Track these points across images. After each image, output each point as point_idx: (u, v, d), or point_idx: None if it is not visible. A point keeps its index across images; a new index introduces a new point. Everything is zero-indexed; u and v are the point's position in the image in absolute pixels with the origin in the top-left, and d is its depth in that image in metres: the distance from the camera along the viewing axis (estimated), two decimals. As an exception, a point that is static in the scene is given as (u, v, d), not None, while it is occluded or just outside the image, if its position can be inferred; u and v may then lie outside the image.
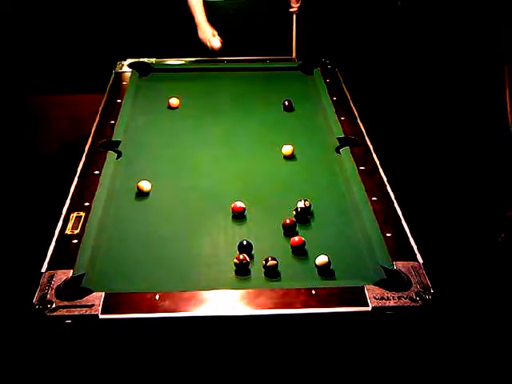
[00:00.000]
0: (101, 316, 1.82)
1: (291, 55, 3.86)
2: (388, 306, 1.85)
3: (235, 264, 2.05)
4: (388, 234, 2.16)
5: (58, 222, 2.23)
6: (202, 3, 3.71)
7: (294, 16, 3.84)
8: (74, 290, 1.90)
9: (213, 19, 3.75)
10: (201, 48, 3.77)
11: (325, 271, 2.05)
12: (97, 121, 2.93)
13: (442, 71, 4.79)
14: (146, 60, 3.52)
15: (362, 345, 1.93)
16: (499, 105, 3.76)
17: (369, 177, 2.50)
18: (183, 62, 3.58)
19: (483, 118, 4.24)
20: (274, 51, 3.74)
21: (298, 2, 3.80)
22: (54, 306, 1.83)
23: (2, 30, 4.87)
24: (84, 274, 1.98)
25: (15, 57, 4.96)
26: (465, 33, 4.71)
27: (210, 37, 3.67)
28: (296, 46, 3.89)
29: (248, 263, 2.05)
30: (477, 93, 4.41)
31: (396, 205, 2.33)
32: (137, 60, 3.52)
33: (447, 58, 4.83)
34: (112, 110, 3.02)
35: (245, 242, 2.13)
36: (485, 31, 4.40)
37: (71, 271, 1.98)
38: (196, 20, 3.71)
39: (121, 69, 3.48)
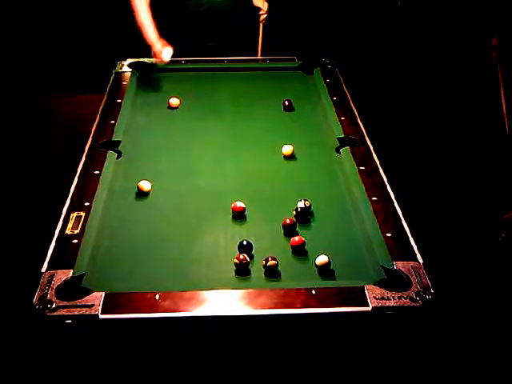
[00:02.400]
0: (101, 316, 1.82)
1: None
2: (388, 306, 1.85)
3: (235, 264, 2.05)
4: (388, 234, 2.16)
5: (57, 222, 2.23)
6: (151, 20, 3.44)
7: (261, 25, 3.86)
8: (74, 289, 1.90)
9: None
10: (201, 48, 3.78)
11: (325, 271, 2.05)
12: (97, 121, 2.93)
13: (442, 71, 4.79)
14: (146, 60, 3.52)
15: (362, 345, 1.93)
16: (498, 105, 3.77)
17: (369, 177, 2.50)
18: (183, 62, 3.58)
19: (483, 117, 4.24)
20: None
21: (265, 9, 3.82)
22: (53, 305, 1.83)
23: (2, 30, 4.88)
24: (84, 274, 1.98)
25: (15, 57, 4.96)
26: (464, 33, 4.72)
27: (159, 53, 3.36)
28: (261, 52, 3.90)
29: (248, 263, 2.06)
30: (476, 93, 4.42)
31: (396, 205, 2.33)
32: (137, 60, 3.52)
33: (447, 58, 4.83)
34: (112, 110, 3.02)
35: (245, 242, 2.13)
36: (483, 32, 4.40)
37: (71, 271, 1.98)
38: (148, 38, 3.40)
39: (121, 69, 3.48)
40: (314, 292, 1.91)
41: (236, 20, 3.83)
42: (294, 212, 2.30)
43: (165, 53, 3.35)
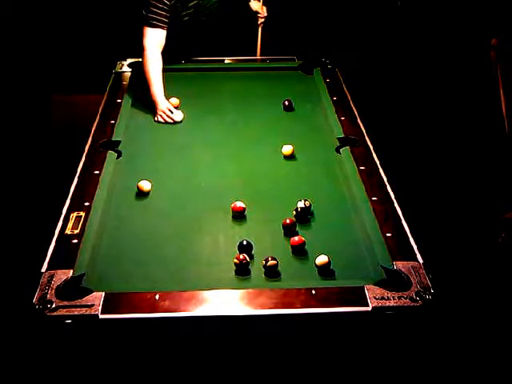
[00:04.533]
0: (101, 316, 1.82)
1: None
2: (388, 306, 1.85)
3: (235, 264, 2.05)
4: (388, 234, 2.16)
5: (58, 222, 2.23)
6: (161, 75, 3.16)
7: (260, 27, 3.86)
8: (74, 289, 1.90)
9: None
10: (201, 48, 3.77)
11: (325, 271, 2.05)
12: (97, 121, 2.93)
13: (442, 71, 4.79)
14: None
15: (362, 345, 1.93)
16: (498, 105, 3.78)
17: (369, 177, 2.51)
18: (183, 62, 3.58)
19: (483, 117, 4.24)
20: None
21: (264, 13, 3.82)
22: (53, 305, 1.83)
23: (2, 30, 4.87)
24: (84, 274, 1.98)
25: (15, 57, 4.96)
26: (464, 33, 4.72)
27: (169, 112, 3.04)
28: (260, 55, 3.90)
29: (248, 263, 2.06)
30: (476, 93, 4.42)
31: (396, 205, 2.34)
32: (137, 60, 3.52)
33: (447, 58, 4.83)
34: (112, 110, 3.02)
35: (245, 242, 2.13)
36: (483, 31, 4.40)
37: (71, 271, 1.98)
38: (154, 95, 3.08)
39: (121, 69, 3.48)
40: (313, 292, 1.91)
41: (231, 22, 3.83)
42: (294, 212, 2.30)
43: (176, 115, 3.04)
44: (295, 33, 4.88)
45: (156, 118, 3.05)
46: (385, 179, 2.50)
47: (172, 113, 3.04)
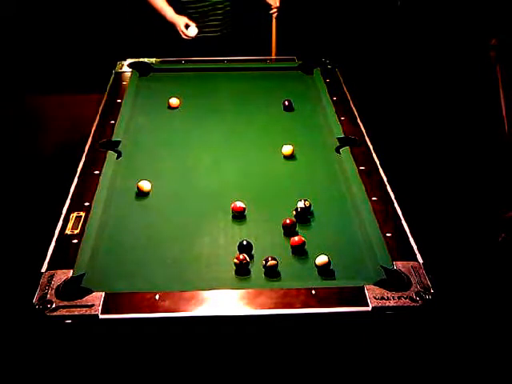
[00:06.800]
0: (101, 316, 1.82)
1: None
2: (388, 306, 1.85)
3: (235, 264, 2.05)
4: (388, 234, 2.16)
5: (57, 222, 2.23)
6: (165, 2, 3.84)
7: (274, 19, 3.87)
8: (73, 289, 1.90)
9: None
10: (200, 48, 3.79)
11: (325, 271, 2.05)
12: (97, 121, 2.93)
13: (442, 71, 4.79)
14: (146, 60, 3.52)
15: (362, 345, 1.93)
16: (497, 105, 3.78)
17: (369, 177, 2.50)
18: (183, 62, 3.58)
19: (483, 117, 4.24)
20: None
21: (277, 4, 3.83)
22: (53, 305, 1.83)
23: (3, 30, 4.88)
24: (84, 274, 1.98)
25: (16, 57, 4.96)
26: (463, 33, 4.72)
27: (184, 29, 3.79)
28: (276, 47, 3.91)
29: (248, 263, 2.05)
30: (476, 93, 4.42)
31: (396, 205, 2.34)
32: (137, 60, 3.52)
33: (446, 58, 4.83)
34: (112, 110, 3.02)
35: (245, 242, 2.12)
36: (483, 31, 4.40)
37: (71, 271, 1.98)
38: (170, 19, 3.82)
39: (121, 69, 3.48)
40: (313, 292, 1.91)
41: (242, 18, 3.88)
42: (294, 212, 2.30)
43: (190, 31, 3.77)
44: (295, 33, 4.88)
45: (181, 35, 3.78)
46: (385, 179, 2.50)
47: (187, 29, 3.75)
